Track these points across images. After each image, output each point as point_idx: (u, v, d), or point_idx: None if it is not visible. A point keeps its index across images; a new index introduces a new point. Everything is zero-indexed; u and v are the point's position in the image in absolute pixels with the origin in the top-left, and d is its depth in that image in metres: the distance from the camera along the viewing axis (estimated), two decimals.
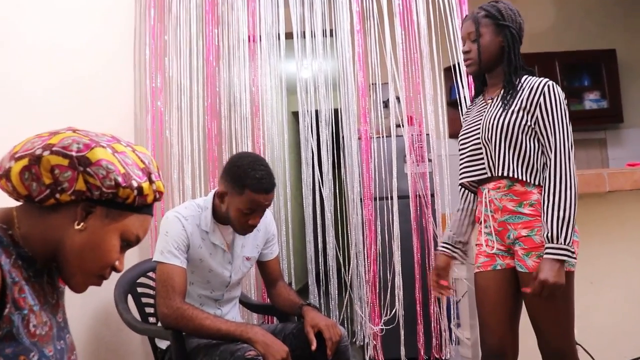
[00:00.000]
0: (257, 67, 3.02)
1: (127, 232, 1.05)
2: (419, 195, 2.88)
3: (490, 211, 1.81)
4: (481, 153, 1.80)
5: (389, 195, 2.88)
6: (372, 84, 2.99)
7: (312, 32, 3.02)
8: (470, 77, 2.66)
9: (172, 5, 2.96)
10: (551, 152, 1.68)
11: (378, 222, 2.86)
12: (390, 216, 2.82)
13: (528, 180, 1.72)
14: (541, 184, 1.72)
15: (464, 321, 2.99)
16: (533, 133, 1.73)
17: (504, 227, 1.77)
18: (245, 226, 1.93)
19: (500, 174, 1.74)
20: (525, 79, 1.79)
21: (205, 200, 2.03)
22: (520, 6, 1.87)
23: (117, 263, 1.06)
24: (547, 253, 1.61)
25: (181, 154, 2.90)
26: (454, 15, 2.72)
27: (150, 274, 2.34)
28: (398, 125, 2.97)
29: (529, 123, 1.72)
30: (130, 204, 1.03)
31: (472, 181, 1.89)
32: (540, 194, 1.71)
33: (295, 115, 3.40)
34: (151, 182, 1.04)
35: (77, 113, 2.28)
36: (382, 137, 2.95)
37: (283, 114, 3.08)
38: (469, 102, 2.69)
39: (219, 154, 2.92)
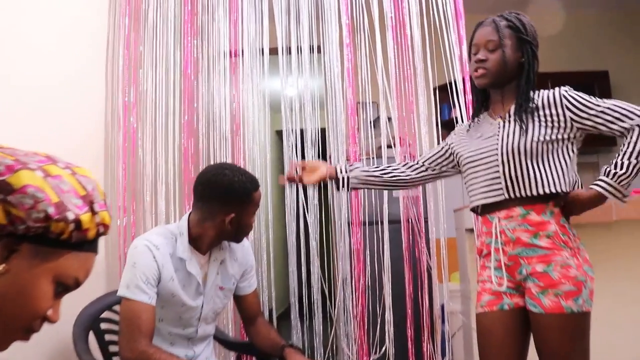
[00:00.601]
0: (238, 83, 2.83)
1: (62, 274, 0.83)
2: (411, 222, 2.68)
3: (501, 243, 1.65)
4: (497, 174, 1.66)
5: (379, 220, 2.68)
6: (359, 102, 2.80)
7: (298, 46, 2.84)
8: (468, 95, 2.51)
9: (148, 13, 2.77)
10: (620, 121, 1.60)
11: (367, 252, 2.65)
12: (381, 245, 2.61)
13: (554, 190, 1.60)
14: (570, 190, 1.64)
15: (458, 358, 2.82)
16: (559, 145, 1.64)
17: (515, 262, 1.62)
18: (250, 228, 1.91)
19: (521, 195, 1.61)
20: (535, 93, 1.69)
21: (180, 226, 1.85)
22: None
23: (49, 313, 0.83)
24: (595, 183, 1.58)
25: (155, 174, 2.70)
26: (450, 31, 2.55)
27: (116, 307, 2.10)
28: (389, 146, 2.78)
29: (556, 136, 1.62)
30: (67, 240, 0.82)
31: (484, 205, 1.72)
32: (558, 223, 1.59)
33: (278, 134, 3.23)
34: (94, 213, 0.83)
35: (39, 125, 2.09)
36: (372, 158, 2.76)
37: (266, 133, 2.88)
38: (465, 122, 2.53)
39: (196, 175, 2.72)
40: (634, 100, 1.66)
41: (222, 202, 1.78)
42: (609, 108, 1.59)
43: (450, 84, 2.53)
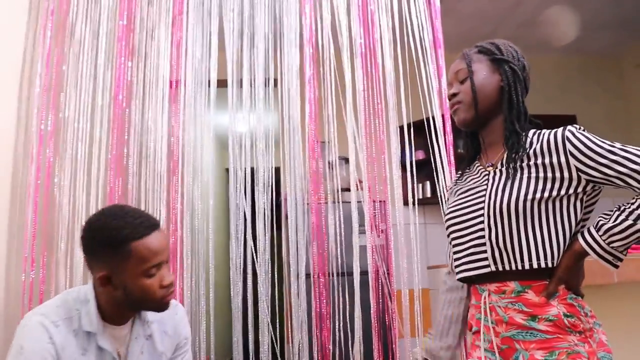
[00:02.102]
0: (179, 113, 2.44)
1: None
2: (381, 284, 2.29)
3: (491, 322, 1.31)
4: (482, 240, 1.32)
5: (343, 271, 2.28)
6: (322, 142, 2.45)
7: (251, 76, 2.48)
8: (448, 136, 2.19)
9: (75, 27, 2.38)
10: (629, 178, 1.21)
11: (333, 317, 2.24)
12: (346, 305, 2.21)
13: (553, 264, 1.25)
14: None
15: None
16: (563, 204, 1.27)
17: (510, 345, 1.28)
18: (163, 293, 1.44)
19: (510, 268, 1.28)
20: (535, 133, 1.35)
21: (86, 292, 1.46)
22: None
23: None
24: (582, 236, 1.26)
25: (72, 218, 2.27)
26: (427, 61, 2.24)
27: None
28: (346, 189, 2.42)
29: (557, 192, 1.27)
30: None
31: (471, 276, 1.38)
32: (564, 302, 1.25)
33: (226, 172, 2.83)
34: None
35: None
36: (339, 202, 2.37)
37: (209, 174, 2.47)
38: (445, 165, 2.20)
39: None
40: None
41: (93, 257, 1.44)
42: (626, 158, 1.21)
43: (428, 119, 2.21)
